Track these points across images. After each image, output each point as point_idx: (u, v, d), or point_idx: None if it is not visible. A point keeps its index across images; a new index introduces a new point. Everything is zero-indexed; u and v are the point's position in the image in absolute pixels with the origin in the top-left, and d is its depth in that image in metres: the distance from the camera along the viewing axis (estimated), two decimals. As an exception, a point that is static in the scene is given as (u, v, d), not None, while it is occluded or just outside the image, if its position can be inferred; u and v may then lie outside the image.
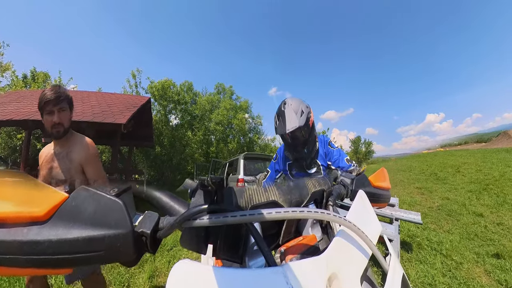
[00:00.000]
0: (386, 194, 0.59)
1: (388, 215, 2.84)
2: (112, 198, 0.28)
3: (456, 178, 7.25)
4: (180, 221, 0.29)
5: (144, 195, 0.40)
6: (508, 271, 2.24)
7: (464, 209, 4.28)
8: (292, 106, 1.29)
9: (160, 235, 0.30)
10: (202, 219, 0.29)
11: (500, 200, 4.55)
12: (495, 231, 3.25)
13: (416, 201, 5.23)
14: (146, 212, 0.32)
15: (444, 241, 2.93)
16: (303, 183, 0.45)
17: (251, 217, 0.29)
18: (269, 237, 0.44)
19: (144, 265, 2.50)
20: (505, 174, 6.46)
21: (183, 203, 0.38)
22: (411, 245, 2.92)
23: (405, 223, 3.52)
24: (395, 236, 2.45)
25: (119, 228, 0.26)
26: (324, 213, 0.32)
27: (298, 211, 0.30)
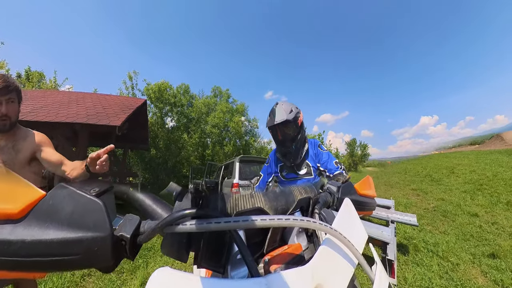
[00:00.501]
0: (371, 202, 0.59)
1: (384, 218, 2.82)
2: (92, 198, 0.27)
3: (450, 179, 7.34)
4: (162, 225, 0.28)
5: (126, 196, 0.39)
6: (504, 271, 2.25)
7: (459, 209, 4.31)
8: (283, 106, 1.43)
9: (141, 240, 0.29)
10: (185, 225, 0.28)
11: (494, 199, 4.61)
12: (490, 230, 3.27)
13: (412, 202, 5.25)
14: (127, 215, 0.30)
15: (440, 243, 2.93)
16: (289, 190, 0.44)
17: (235, 224, 0.28)
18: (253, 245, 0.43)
19: (136, 272, 2.46)
20: (498, 174, 6.59)
21: (167, 207, 0.37)
22: (408, 247, 2.92)
23: (401, 225, 3.53)
24: (391, 239, 2.43)
25: (98, 231, 0.25)
26: (310, 221, 0.32)
27: (283, 219, 0.30)
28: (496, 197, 4.71)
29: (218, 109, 15.40)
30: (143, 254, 2.89)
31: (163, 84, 13.20)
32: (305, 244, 0.47)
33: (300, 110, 1.49)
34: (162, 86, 13.10)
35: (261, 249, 0.43)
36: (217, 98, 17.06)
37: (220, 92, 17.37)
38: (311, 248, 0.47)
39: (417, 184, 7.32)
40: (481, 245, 2.88)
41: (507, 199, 4.49)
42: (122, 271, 2.41)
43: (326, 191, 0.53)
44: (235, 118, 15.16)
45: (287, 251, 0.40)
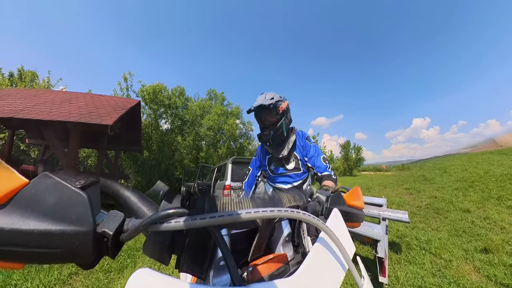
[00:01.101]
0: (360, 214, 0.58)
1: (376, 215, 2.75)
2: (76, 190, 0.26)
3: (443, 178, 7.41)
4: (146, 224, 0.27)
5: (112, 192, 0.38)
6: (497, 265, 2.21)
7: (452, 206, 4.30)
8: (266, 94, 1.43)
9: (123, 238, 0.28)
10: (169, 223, 0.28)
11: (486, 195, 4.64)
12: (482, 225, 3.26)
13: (405, 201, 5.25)
14: (111, 211, 0.30)
15: (432, 240, 2.89)
16: (278, 197, 0.44)
17: (220, 219, 0.28)
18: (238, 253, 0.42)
19: (124, 271, 2.43)
20: (489, 171, 6.67)
21: (152, 206, 0.36)
22: (400, 245, 2.86)
23: (393, 224, 3.47)
24: (382, 236, 2.35)
25: (80, 225, 0.24)
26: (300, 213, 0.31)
27: (268, 211, 0.30)
28: (488, 193, 4.74)
29: (213, 111, 15.35)
30: (131, 254, 2.84)
31: (158, 86, 13.13)
32: (291, 254, 0.46)
33: (285, 99, 1.47)
34: (157, 88, 13.03)
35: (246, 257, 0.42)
36: (212, 101, 17.05)
37: (215, 95, 17.43)
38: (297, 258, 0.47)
39: (410, 184, 7.36)
40: (474, 240, 2.85)
41: (498, 194, 4.52)
42: (110, 270, 2.39)
43: (315, 200, 0.53)
44: (229, 121, 15.18)
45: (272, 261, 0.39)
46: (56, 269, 2.27)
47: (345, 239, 0.44)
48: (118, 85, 12.76)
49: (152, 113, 12.92)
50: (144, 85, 12.98)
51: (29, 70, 12.38)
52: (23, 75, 12.17)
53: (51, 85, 12.80)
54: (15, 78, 12.07)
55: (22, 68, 12.45)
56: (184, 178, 10.06)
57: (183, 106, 15.36)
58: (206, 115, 15.60)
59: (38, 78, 12.62)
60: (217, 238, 0.32)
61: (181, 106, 14.92)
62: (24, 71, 12.33)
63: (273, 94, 1.42)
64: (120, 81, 12.76)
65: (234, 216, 0.28)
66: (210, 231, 0.33)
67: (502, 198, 4.28)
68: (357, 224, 0.58)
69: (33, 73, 12.45)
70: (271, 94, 1.42)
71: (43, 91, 6.73)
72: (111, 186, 0.38)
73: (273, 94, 1.42)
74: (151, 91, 12.67)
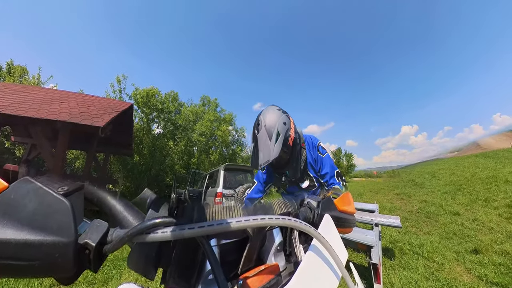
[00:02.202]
0: (351, 219, 0.58)
1: (368, 221, 2.76)
2: (58, 197, 0.25)
3: (432, 182, 7.63)
4: (131, 234, 0.26)
5: (97, 199, 0.36)
6: (487, 265, 2.26)
7: (442, 209, 4.41)
8: (266, 128, 1.09)
9: (106, 250, 0.26)
10: (156, 233, 0.26)
11: (473, 197, 4.80)
12: (472, 227, 3.35)
13: (396, 206, 5.33)
14: (95, 220, 0.28)
15: (424, 243, 2.93)
16: (269, 205, 0.43)
17: (210, 228, 0.27)
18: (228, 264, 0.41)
19: (108, 283, 2.35)
20: (475, 174, 6.96)
21: (139, 215, 0.35)
22: (393, 251, 2.88)
23: (386, 229, 3.51)
24: (376, 242, 2.33)
25: (61, 235, 0.23)
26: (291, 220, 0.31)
27: (259, 219, 0.29)
28: (475, 195, 4.91)
29: (206, 117, 15.40)
30: (117, 264, 2.75)
31: (151, 90, 13.04)
32: (283, 264, 0.45)
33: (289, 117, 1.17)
34: (150, 92, 12.94)
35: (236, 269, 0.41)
36: (205, 107, 17.07)
37: (209, 101, 17.52)
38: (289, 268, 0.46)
39: (401, 189, 7.51)
40: (464, 242, 2.92)
41: (485, 196, 4.68)
42: (93, 282, 2.32)
43: (306, 206, 0.52)
44: (222, 127, 15.21)
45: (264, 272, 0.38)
46: (37, 279, 2.18)
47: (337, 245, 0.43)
48: (111, 86, 12.59)
49: (144, 117, 12.78)
50: (137, 88, 12.88)
51: (18, 65, 11.88)
52: (12, 70, 11.62)
53: (41, 82, 12.31)
54: (3, 72, 11.54)
55: (11, 62, 11.88)
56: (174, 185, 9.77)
57: (176, 111, 15.30)
58: (199, 120, 15.63)
59: (28, 74, 12.15)
60: (206, 250, 0.31)
61: (174, 111, 14.84)
62: (13, 65, 11.79)
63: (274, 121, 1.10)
64: (113, 82, 12.60)
65: (224, 225, 0.28)
66: (199, 241, 0.31)
67: (489, 199, 4.44)
68: (349, 230, 0.57)
69: (23, 68, 11.99)
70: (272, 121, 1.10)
71: (33, 88, 6.51)
72: (96, 193, 0.36)
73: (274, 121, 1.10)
74: (145, 95, 12.58)
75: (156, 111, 13.14)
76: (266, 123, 1.09)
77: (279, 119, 1.11)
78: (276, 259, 0.46)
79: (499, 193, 4.67)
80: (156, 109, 13.09)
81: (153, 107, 12.86)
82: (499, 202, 4.18)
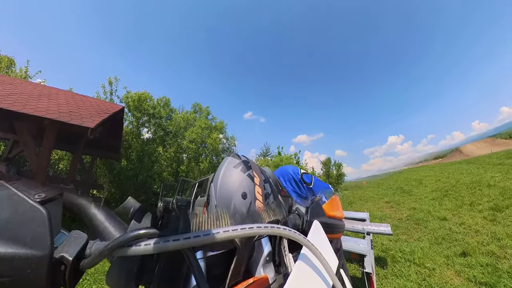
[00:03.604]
0: (340, 224, 0.58)
1: (360, 230, 2.78)
2: (34, 204, 0.23)
3: (419, 189, 7.89)
4: (112, 247, 0.24)
5: (76, 208, 0.33)
6: (475, 266, 2.34)
7: (430, 215, 4.56)
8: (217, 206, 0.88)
9: (84, 265, 0.24)
10: (138, 246, 0.25)
11: (459, 202, 5.01)
12: (459, 231, 3.46)
13: (386, 214, 5.45)
14: (73, 232, 0.26)
15: (415, 250, 2.99)
16: (257, 213, 0.42)
17: (196, 240, 0.26)
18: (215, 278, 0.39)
19: None
20: (460, 180, 7.28)
21: (121, 226, 0.33)
22: (386, 260, 2.90)
23: (378, 238, 3.55)
24: (368, 251, 2.33)
25: (35, 248, 0.21)
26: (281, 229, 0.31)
27: (247, 228, 0.29)
28: (461, 200, 5.12)
29: (197, 124, 15.28)
30: (98, 279, 2.59)
31: (143, 94, 12.83)
32: (272, 276, 0.44)
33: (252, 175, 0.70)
34: (142, 96, 12.73)
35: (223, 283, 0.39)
36: (196, 114, 17.02)
37: (200, 109, 17.56)
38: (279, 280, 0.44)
39: (390, 197, 7.70)
40: (453, 246, 3.01)
41: (470, 200, 4.91)
42: None
43: (295, 212, 0.52)
44: (213, 135, 15.10)
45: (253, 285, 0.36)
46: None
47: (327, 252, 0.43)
48: (102, 87, 12.27)
49: (134, 121, 12.47)
50: (129, 91, 12.63)
51: (5, 55, 11.24)
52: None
53: (28, 76, 11.81)
54: (-12, 61, 10.88)
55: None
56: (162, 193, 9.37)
57: (167, 117, 15.06)
58: (189, 127, 15.49)
59: (15, 66, 11.64)
60: (192, 263, 0.29)
61: (165, 116, 14.57)
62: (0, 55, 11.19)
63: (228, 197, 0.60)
64: (105, 84, 12.29)
65: (211, 236, 0.26)
66: (184, 254, 0.29)
67: (474, 203, 4.65)
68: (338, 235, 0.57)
69: (10, 60, 11.39)
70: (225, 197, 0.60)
71: (20, 81, 6.17)
72: (76, 201, 0.34)
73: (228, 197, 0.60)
74: (136, 99, 12.37)
75: (147, 116, 12.93)
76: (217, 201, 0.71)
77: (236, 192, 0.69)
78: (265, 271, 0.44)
79: (482, 197, 4.90)
80: (147, 114, 12.89)
81: (144, 111, 12.67)
82: (483, 205, 4.38)
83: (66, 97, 5.50)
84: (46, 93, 5.15)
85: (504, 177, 5.97)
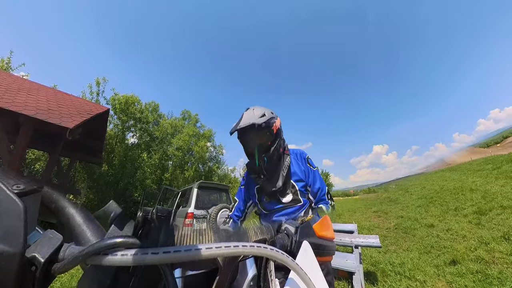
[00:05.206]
0: (331, 245, 0.55)
1: (348, 243, 2.65)
2: (11, 196, 0.22)
3: (406, 197, 8.10)
4: (87, 253, 0.23)
5: (55, 206, 0.32)
6: (465, 275, 2.30)
7: (417, 223, 4.61)
8: (254, 110, 1.18)
9: (55, 270, 0.23)
10: (115, 255, 0.24)
11: (444, 208, 5.13)
12: (446, 237, 3.48)
13: (374, 224, 5.46)
14: (48, 231, 0.26)
15: (405, 262, 2.92)
16: (243, 230, 0.40)
17: (176, 255, 0.25)
18: None
19: None
20: (444, 187, 7.54)
21: (99, 232, 0.31)
22: (376, 274, 2.80)
23: (366, 250, 3.49)
24: (357, 267, 2.17)
25: (6, 243, 0.20)
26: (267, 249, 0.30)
27: (232, 246, 0.28)
28: (446, 206, 5.25)
29: (185, 131, 15.26)
30: None
31: (131, 98, 12.69)
32: None
33: (277, 116, 1.23)
34: (130, 99, 12.58)
35: None
36: (185, 121, 16.85)
37: (189, 116, 17.50)
38: None
39: (378, 206, 7.80)
40: (442, 254, 2.99)
41: (455, 205, 5.04)
42: None
43: (284, 232, 0.50)
44: (200, 143, 15.06)
45: None
46: None
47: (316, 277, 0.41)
48: (89, 87, 11.93)
49: (120, 124, 12.21)
50: (117, 93, 12.42)
51: None
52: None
53: (10, 68, 11.21)
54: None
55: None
56: (143, 201, 8.94)
57: (155, 122, 14.94)
58: (177, 134, 15.38)
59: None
60: (169, 282, 0.27)
61: (152, 121, 14.49)
62: None
63: (263, 109, 1.17)
64: (92, 84, 11.97)
65: (192, 252, 0.25)
66: (162, 270, 0.27)
67: (459, 208, 4.77)
68: (329, 258, 0.54)
69: None
70: (261, 109, 1.16)
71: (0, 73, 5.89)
72: (55, 199, 0.32)
73: (263, 109, 1.17)
74: (123, 102, 12.20)
75: (133, 120, 12.73)
76: (255, 108, 1.19)
77: (268, 110, 1.20)
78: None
79: (466, 201, 5.06)
80: (134, 118, 12.70)
81: (131, 115, 12.49)
82: (467, 209, 4.50)
83: (48, 94, 5.33)
84: (26, 88, 5.00)
85: (485, 181, 6.24)
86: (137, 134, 13.11)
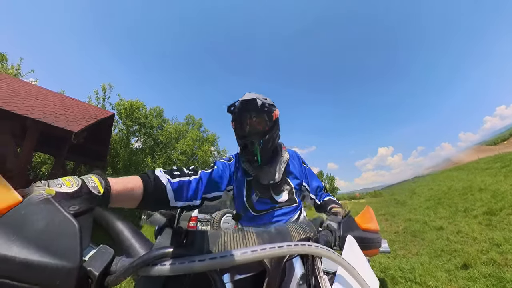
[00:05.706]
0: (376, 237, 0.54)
1: None
2: (68, 217, 0.24)
3: (413, 199, 7.93)
4: (137, 265, 0.25)
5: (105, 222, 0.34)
6: (478, 279, 2.23)
7: (426, 226, 4.50)
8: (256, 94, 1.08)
9: (109, 282, 0.25)
10: (163, 265, 0.25)
11: (453, 209, 4.99)
12: (457, 240, 3.39)
13: (382, 228, 5.36)
14: (101, 246, 0.28)
15: (416, 267, 2.84)
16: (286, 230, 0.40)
17: (222, 260, 0.26)
18: None
19: None
20: (451, 187, 7.33)
21: (147, 244, 0.32)
22: (385, 281, 2.73)
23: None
24: None
25: (66, 260, 0.22)
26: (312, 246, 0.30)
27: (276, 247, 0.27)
28: (454, 207, 5.11)
29: (189, 136, 15.38)
30: None
31: (136, 103, 13.00)
32: None
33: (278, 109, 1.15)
34: (135, 104, 12.89)
35: None
36: (189, 126, 17.06)
37: (193, 121, 17.70)
38: None
39: (385, 209, 7.67)
40: (453, 257, 2.90)
41: (464, 206, 4.91)
42: None
43: (326, 228, 0.50)
44: (204, 147, 15.19)
45: None
46: None
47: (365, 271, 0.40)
48: (95, 93, 12.34)
49: (125, 129, 12.50)
50: (122, 99, 12.77)
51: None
52: (-12, 53, 11.17)
53: (20, 74, 11.76)
54: (-22, 54, 11.05)
55: (-11, 45, 11.27)
56: None
57: (159, 127, 15.16)
58: (181, 139, 15.55)
59: (7, 61, 11.64)
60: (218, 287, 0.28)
61: (156, 126, 14.73)
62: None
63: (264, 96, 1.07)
64: (98, 90, 12.40)
65: (238, 256, 0.26)
66: (210, 277, 0.28)
67: (468, 209, 4.65)
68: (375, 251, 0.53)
69: (2, 55, 11.45)
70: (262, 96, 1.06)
71: (10, 78, 6.20)
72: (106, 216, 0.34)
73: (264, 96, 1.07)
74: (128, 107, 12.51)
75: (138, 125, 13.01)
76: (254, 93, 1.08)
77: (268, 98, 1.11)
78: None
79: (475, 201, 4.93)
80: (139, 123, 12.98)
81: (135, 120, 12.77)
82: (477, 210, 4.38)
83: (55, 99, 5.57)
84: (34, 93, 5.22)
85: (494, 180, 6.05)
86: (141, 138, 13.36)
